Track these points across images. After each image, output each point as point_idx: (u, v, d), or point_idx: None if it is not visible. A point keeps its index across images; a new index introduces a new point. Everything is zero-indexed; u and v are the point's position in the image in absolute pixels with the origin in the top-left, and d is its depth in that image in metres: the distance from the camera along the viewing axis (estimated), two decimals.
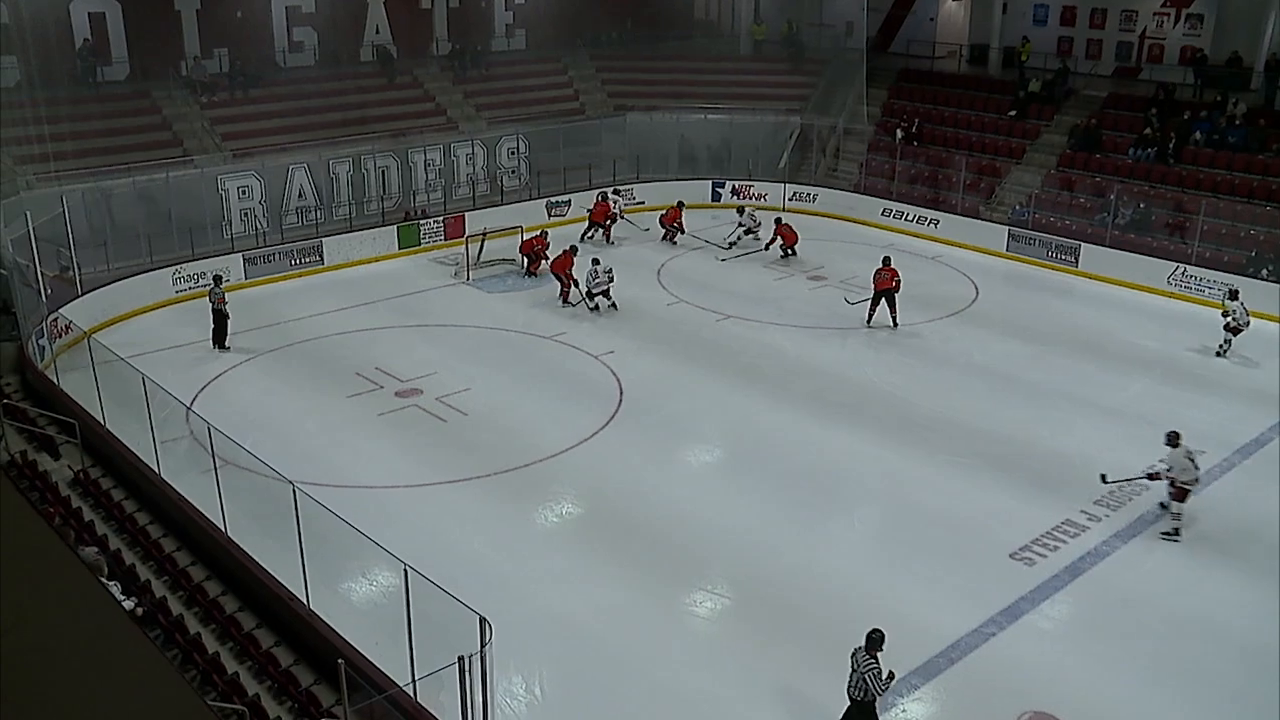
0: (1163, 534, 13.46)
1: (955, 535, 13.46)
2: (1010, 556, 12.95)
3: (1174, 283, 23.01)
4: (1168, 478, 13.46)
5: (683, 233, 26.64)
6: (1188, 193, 24.60)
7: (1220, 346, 19.31)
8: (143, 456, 13.69)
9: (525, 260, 23.99)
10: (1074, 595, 12.28)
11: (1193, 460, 13.35)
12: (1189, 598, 12.22)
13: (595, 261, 21.76)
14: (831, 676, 10.90)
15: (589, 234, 26.55)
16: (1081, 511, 13.94)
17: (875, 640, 9.76)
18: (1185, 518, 13.56)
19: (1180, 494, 13.36)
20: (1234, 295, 19.21)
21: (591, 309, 21.40)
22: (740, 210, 26.89)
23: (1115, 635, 11.60)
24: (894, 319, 20.72)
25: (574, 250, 22.36)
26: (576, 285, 21.63)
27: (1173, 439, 13.57)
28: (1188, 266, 22.90)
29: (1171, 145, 25.45)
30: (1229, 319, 18.98)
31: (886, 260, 21.16)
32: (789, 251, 25.27)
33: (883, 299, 20.71)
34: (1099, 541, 13.27)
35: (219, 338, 19.46)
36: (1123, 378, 18.57)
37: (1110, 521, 13.72)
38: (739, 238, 25.97)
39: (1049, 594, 12.24)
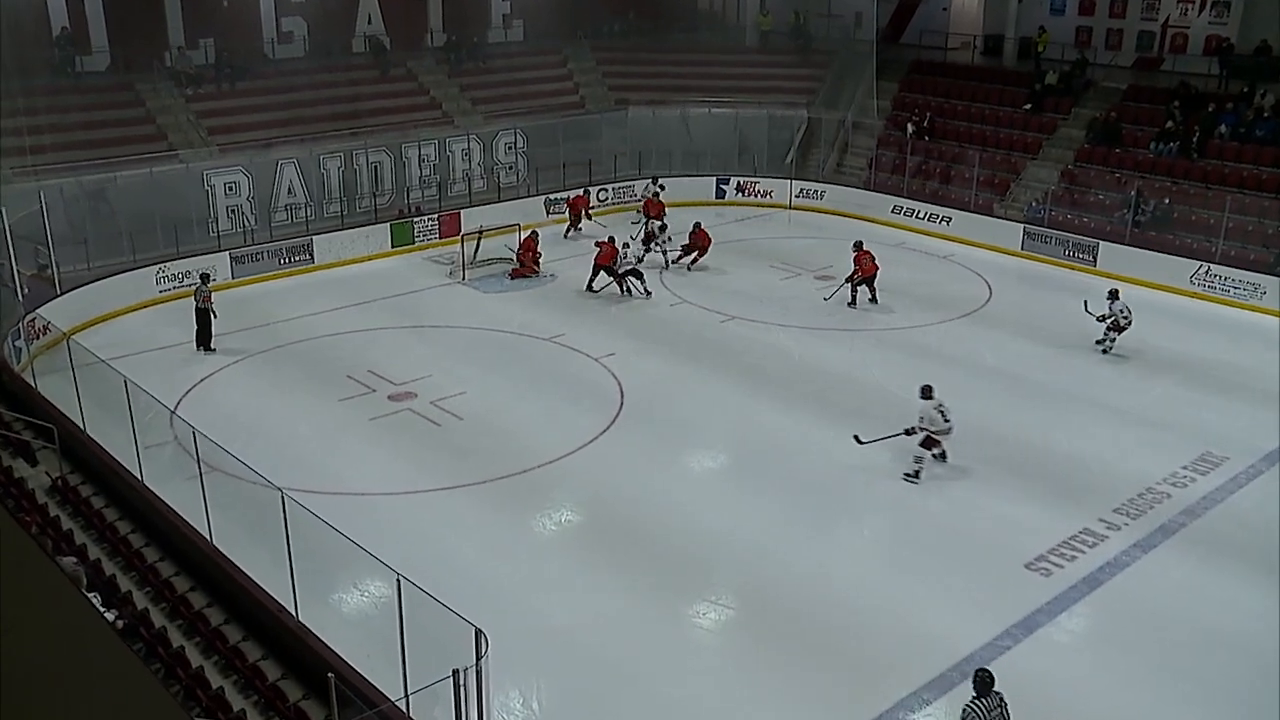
0: (904, 475, 14.83)
1: (968, 544, 13.44)
2: (1026, 566, 12.92)
3: (1197, 282, 22.98)
4: (921, 430, 14.74)
5: (583, 222, 26.70)
6: (1212, 188, 24.57)
7: (1105, 341, 19.33)
8: (124, 463, 13.66)
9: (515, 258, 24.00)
10: (1093, 607, 12.24)
11: (942, 413, 14.74)
12: (1213, 611, 12.17)
13: (625, 245, 22.42)
14: (839, 690, 10.91)
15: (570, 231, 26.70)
16: (1100, 520, 13.91)
17: (986, 682, 9.39)
18: (1203, 528, 13.58)
19: (929, 443, 14.85)
20: (1114, 295, 19.21)
21: (623, 293, 22.10)
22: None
23: (1136, 649, 11.57)
24: (874, 296, 21.83)
25: (612, 241, 22.68)
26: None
27: (926, 392, 14.92)
28: (1211, 265, 22.87)
29: (1195, 139, 25.40)
30: (1111, 319, 19.04)
31: (859, 244, 22.01)
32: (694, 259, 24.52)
33: (864, 283, 21.48)
34: (1119, 551, 13.24)
35: (203, 339, 19.45)
36: (1143, 381, 18.55)
37: (1130, 530, 13.69)
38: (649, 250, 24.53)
39: (1066, 606, 12.20)
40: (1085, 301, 19.37)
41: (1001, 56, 32.68)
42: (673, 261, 24.29)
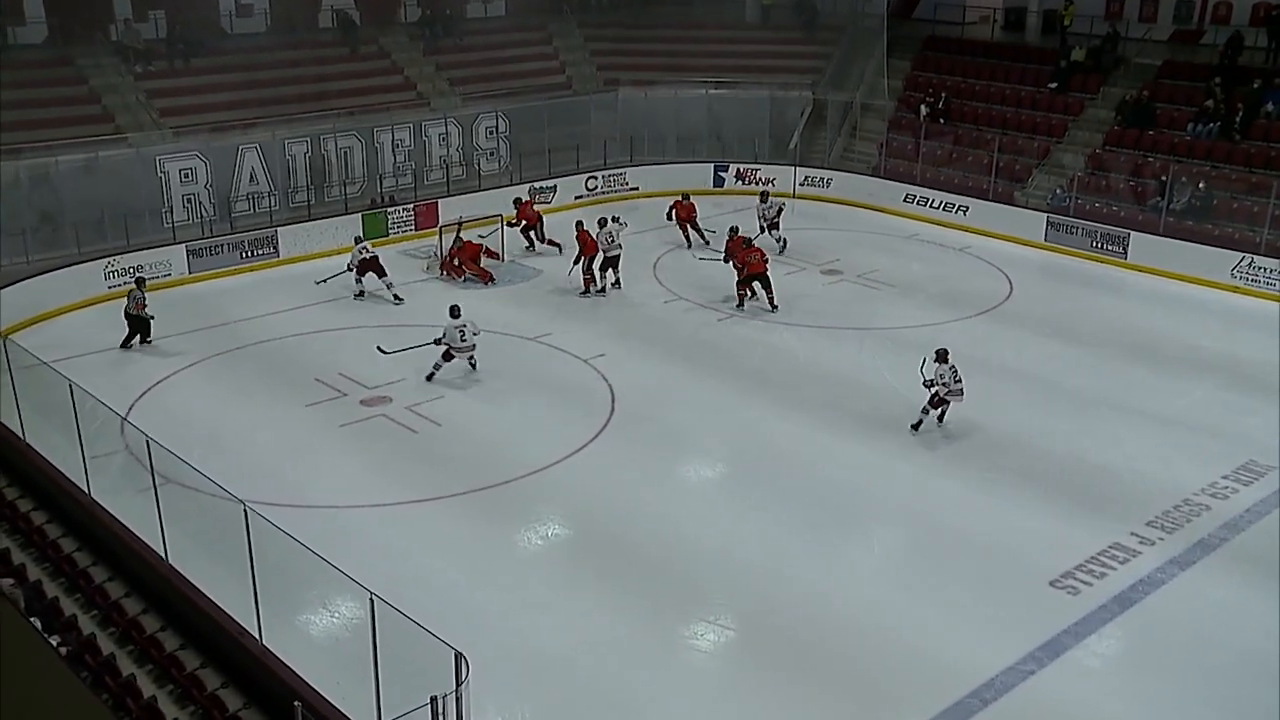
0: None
1: (988, 560, 13.46)
2: (1051, 584, 12.93)
3: (1239, 275, 23.04)
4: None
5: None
6: (1256, 173, 24.64)
7: (922, 417, 16.58)
8: (69, 474, 13.60)
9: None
10: (1124, 629, 12.25)
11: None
12: (1257, 635, 12.15)
13: (612, 220, 22.79)
14: (848, 717, 10.90)
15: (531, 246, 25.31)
16: (1132, 534, 13.94)
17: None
18: (1245, 543, 13.71)
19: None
20: (942, 358, 16.33)
21: (597, 290, 22.26)
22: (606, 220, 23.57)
23: (1172, 675, 11.58)
24: (771, 300, 21.65)
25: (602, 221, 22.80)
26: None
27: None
28: (1255, 257, 22.92)
29: (1238, 119, 25.45)
30: (935, 386, 16.31)
31: (734, 229, 22.53)
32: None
33: (755, 281, 21.49)
34: (1153, 568, 13.27)
35: (134, 337, 19.50)
36: (1180, 383, 18.60)
37: (1165, 545, 13.71)
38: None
39: (1095, 627, 12.21)
40: (922, 361, 16.71)
41: (1024, 31, 32.80)
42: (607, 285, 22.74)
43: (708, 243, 24.28)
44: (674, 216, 25.73)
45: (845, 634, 12.11)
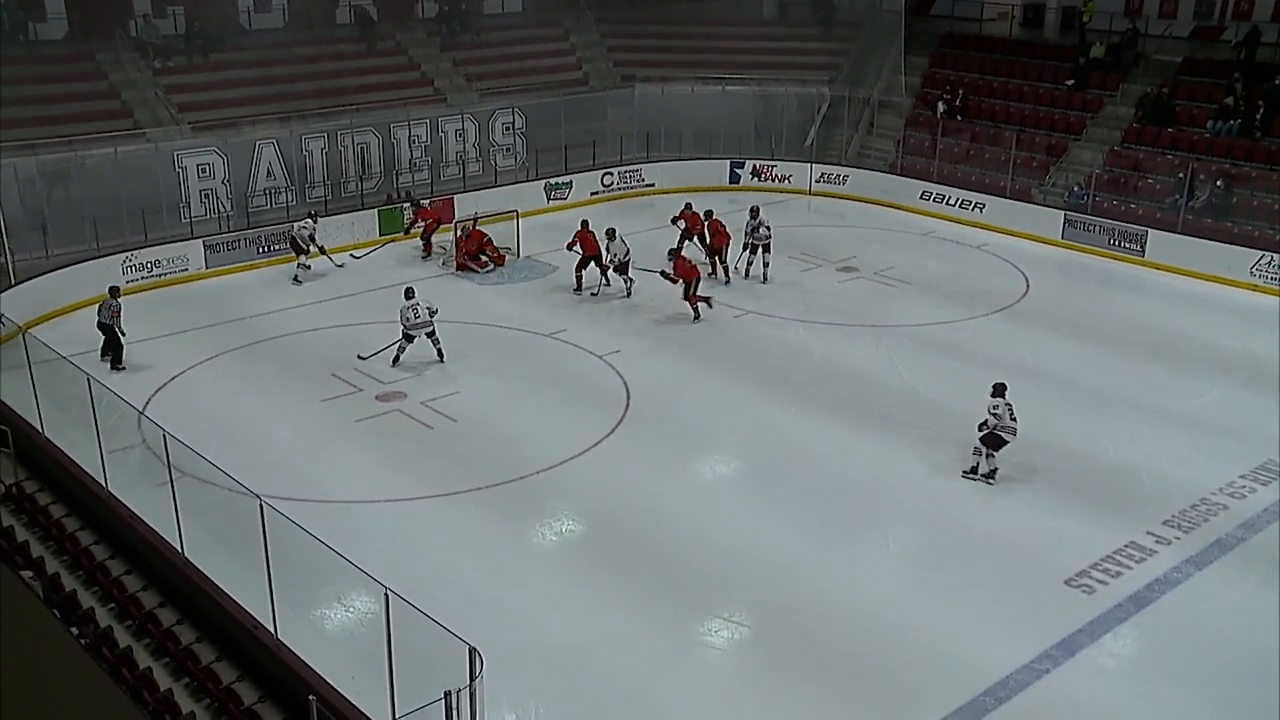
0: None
1: (1004, 559, 13.42)
2: (1066, 583, 12.89)
3: (1258, 274, 22.92)
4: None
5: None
6: (1276, 170, 24.52)
7: (975, 461, 15.23)
8: (87, 468, 13.69)
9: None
10: (1140, 628, 12.21)
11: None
12: (1272, 634, 12.07)
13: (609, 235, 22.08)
14: (864, 716, 10.90)
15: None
16: (1149, 533, 13.88)
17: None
18: (1263, 543, 13.64)
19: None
20: (999, 392, 15.10)
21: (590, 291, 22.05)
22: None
23: (1187, 676, 11.53)
24: (725, 273, 22.78)
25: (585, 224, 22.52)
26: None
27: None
28: (1275, 255, 22.80)
29: (1259, 116, 25.31)
30: (990, 421, 15.02)
31: (685, 204, 23.63)
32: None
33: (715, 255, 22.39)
34: (1169, 567, 13.21)
35: (111, 356, 18.69)
36: (1198, 382, 18.51)
37: (1182, 544, 13.66)
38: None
39: (1111, 626, 12.17)
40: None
41: (1042, 28, 32.65)
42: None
43: (728, 281, 22.83)
44: (687, 229, 23.97)
45: (860, 632, 12.10)
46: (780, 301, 21.83)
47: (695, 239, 23.83)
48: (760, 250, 22.88)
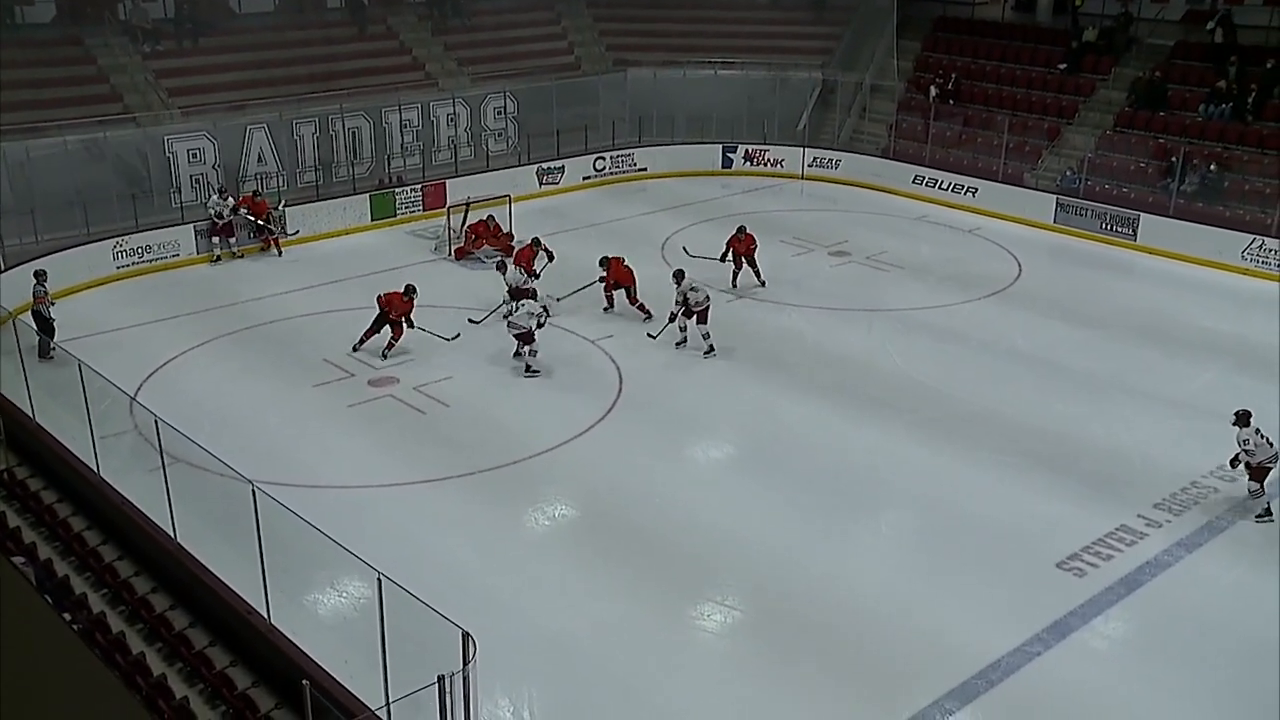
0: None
1: (996, 543, 13.46)
2: (1058, 566, 12.93)
3: (1250, 258, 22.95)
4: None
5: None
6: (1268, 154, 24.50)
7: (1256, 498, 14.19)
8: (78, 454, 13.67)
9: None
10: (1130, 611, 12.26)
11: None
12: (1265, 620, 12.13)
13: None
14: (855, 699, 10.94)
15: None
16: (1139, 516, 13.93)
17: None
18: (1253, 526, 13.80)
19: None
20: (1243, 420, 14.20)
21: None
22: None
23: (1178, 659, 11.59)
24: (759, 278, 21.71)
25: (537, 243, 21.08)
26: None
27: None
28: (1266, 239, 22.83)
29: (1251, 100, 25.31)
30: (1241, 456, 14.22)
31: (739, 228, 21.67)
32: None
33: (742, 260, 21.45)
34: (1160, 550, 13.26)
35: (44, 346, 18.00)
36: (1190, 366, 18.55)
37: (1173, 528, 13.70)
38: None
39: (1102, 609, 12.22)
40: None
41: (1035, 11, 32.61)
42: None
43: (763, 283, 21.60)
44: (731, 253, 21.56)
45: (853, 615, 12.13)
46: (773, 286, 21.81)
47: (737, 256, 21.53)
48: (695, 318, 18.56)
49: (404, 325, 18.46)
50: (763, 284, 21.66)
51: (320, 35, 29.03)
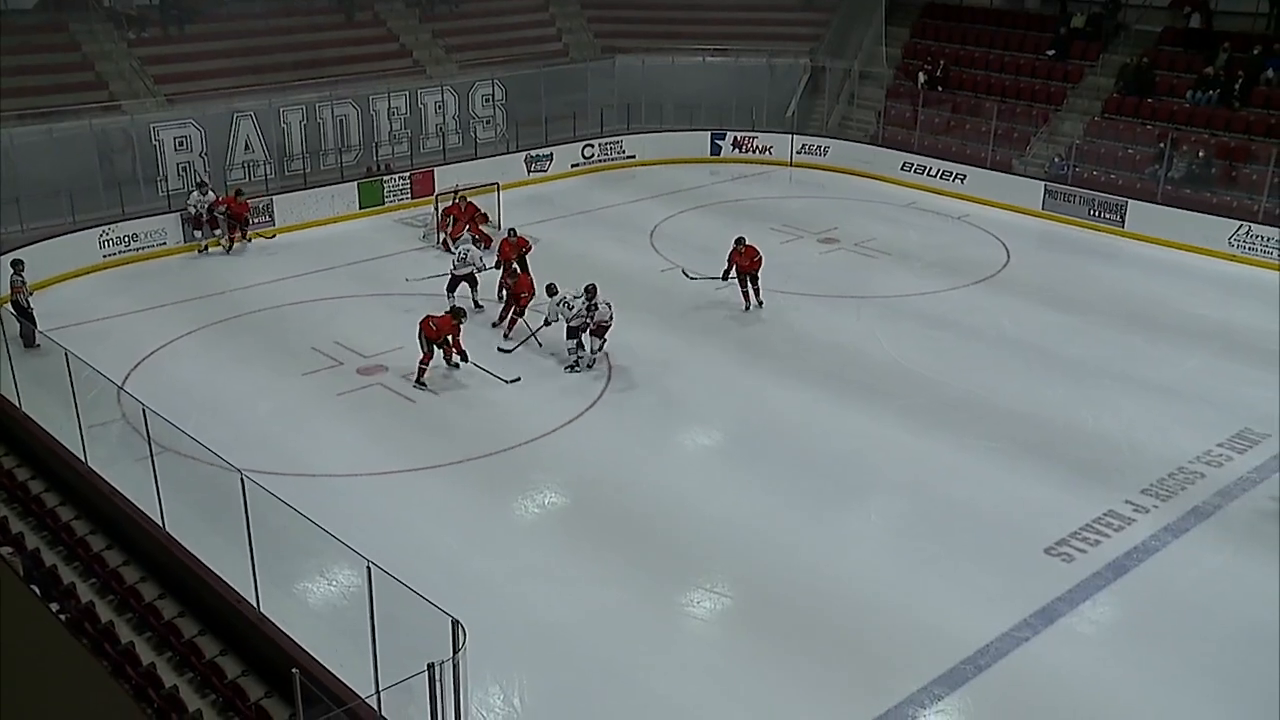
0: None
1: (984, 528, 13.50)
2: (1046, 552, 12.98)
3: (1236, 244, 23.02)
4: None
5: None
6: (1255, 140, 24.56)
7: None
8: (66, 443, 13.60)
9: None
10: (1118, 595, 12.31)
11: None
12: (1252, 603, 12.22)
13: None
14: (844, 684, 10.98)
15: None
16: (1127, 501, 13.98)
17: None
18: (1240, 511, 13.88)
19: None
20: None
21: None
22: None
23: (1165, 643, 11.64)
24: (758, 298, 20.04)
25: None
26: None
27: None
28: (1253, 225, 22.91)
29: (1238, 86, 25.34)
30: None
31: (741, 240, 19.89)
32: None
33: (747, 279, 19.83)
34: (1147, 535, 13.32)
35: (28, 336, 17.77)
36: (1177, 352, 18.61)
37: (1160, 513, 13.76)
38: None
39: (1089, 594, 12.27)
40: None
41: None
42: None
43: (761, 304, 20.10)
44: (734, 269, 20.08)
45: (842, 601, 12.16)
46: (762, 273, 21.75)
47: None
48: (595, 335, 17.67)
49: (459, 344, 17.30)
50: (759, 304, 20.06)
51: (307, 23, 28.94)
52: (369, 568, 9.05)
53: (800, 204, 26.88)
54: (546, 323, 17.95)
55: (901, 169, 28.35)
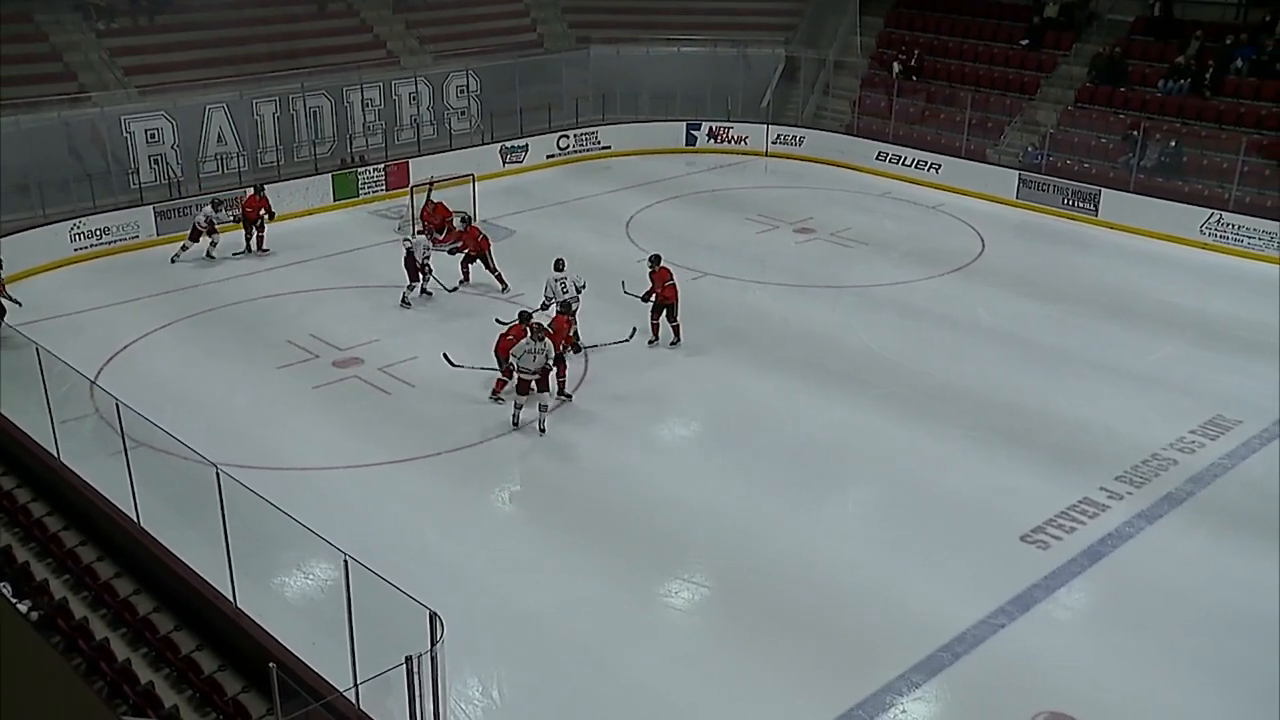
0: None
1: (960, 516, 13.56)
2: (1021, 539, 13.05)
3: (1208, 232, 23.19)
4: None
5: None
6: (1226, 129, 24.72)
7: None
8: (38, 438, 13.48)
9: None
10: (1093, 581, 12.40)
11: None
12: (1224, 587, 12.33)
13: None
14: (822, 672, 11.01)
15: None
16: (1101, 489, 14.07)
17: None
18: (1212, 496, 14.02)
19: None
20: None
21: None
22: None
23: (1140, 628, 11.72)
24: (676, 335, 18.09)
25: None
26: None
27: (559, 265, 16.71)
28: (1224, 214, 23.07)
29: (1209, 75, 25.51)
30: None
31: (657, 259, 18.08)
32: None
33: (664, 311, 17.93)
34: (1121, 522, 13.41)
35: None
36: (1151, 340, 18.73)
37: (1134, 499, 13.86)
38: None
39: (1065, 580, 12.35)
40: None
41: None
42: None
43: (675, 340, 18.19)
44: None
45: (819, 590, 12.20)
46: (738, 263, 21.82)
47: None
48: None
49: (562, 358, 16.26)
50: (674, 341, 18.02)
51: (280, 13, 28.68)
52: (346, 561, 9.01)
53: (776, 194, 26.91)
54: (544, 305, 17.65)
55: (877, 158, 28.41)
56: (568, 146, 29.47)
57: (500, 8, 32.91)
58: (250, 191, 22.76)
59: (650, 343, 18.07)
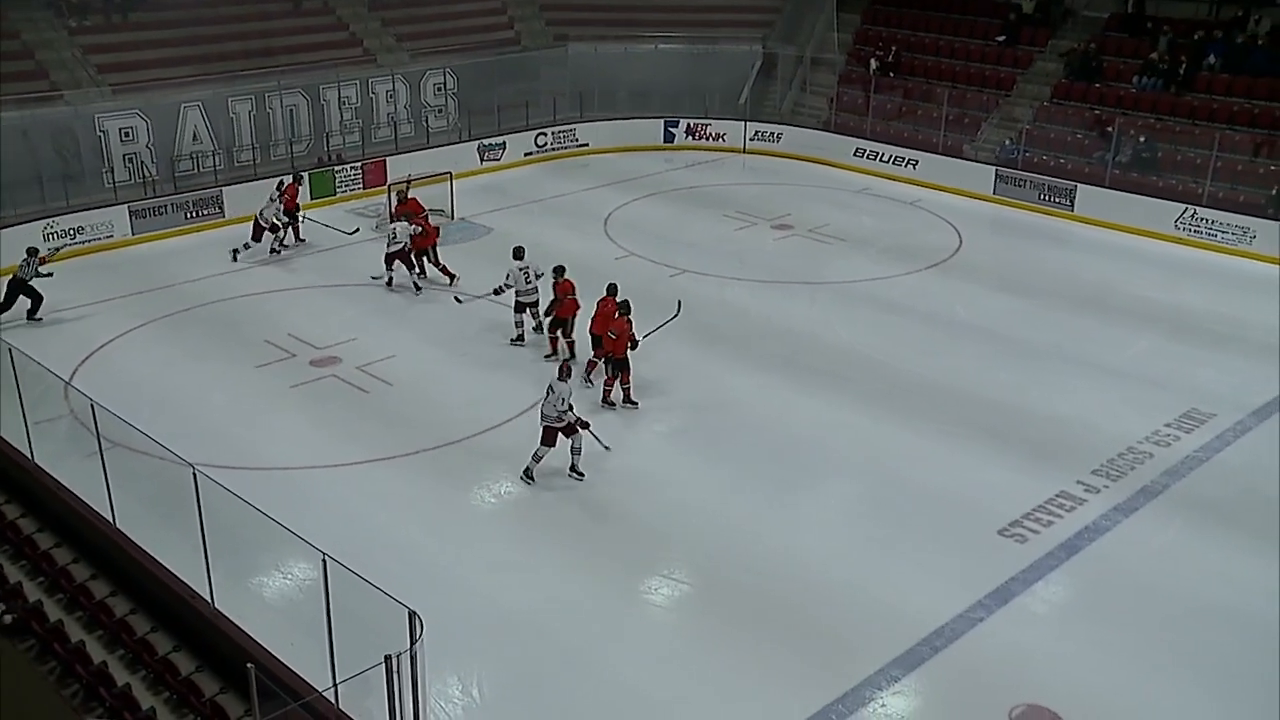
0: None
1: (939, 511, 13.61)
2: (999, 533, 13.12)
3: (1182, 227, 23.36)
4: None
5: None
6: (1199, 125, 24.91)
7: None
8: (11, 440, 13.36)
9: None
10: (1070, 575, 12.46)
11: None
12: (1200, 578, 12.43)
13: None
14: (802, 667, 11.03)
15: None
16: (1078, 482, 14.15)
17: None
18: (1187, 489, 14.13)
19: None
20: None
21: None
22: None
23: (1117, 620, 11.80)
24: (571, 352, 17.47)
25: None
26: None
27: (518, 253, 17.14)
28: (1198, 208, 23.25)
29: (1182, 71, 25.66)
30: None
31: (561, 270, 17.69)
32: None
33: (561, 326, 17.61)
34: (1098, 515, 13.49)
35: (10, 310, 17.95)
36: (1126, 334, 18.85)
37: (1110, 493, 13.95)
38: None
39: (1042, 574, 12.41)
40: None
41: None
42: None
43: (569, 354, 17.52)
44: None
45: (799, 585, 12.22)
46: (716, 260, 21.83)
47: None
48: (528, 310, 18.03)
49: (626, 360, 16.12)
50: (569, 355, 17.31)
51: (256, 10, 28.55)
52: (324, 560, 8.97)
53: (754, 190, 26.95)
54: (498, 290, 18.02)
55: (854, 155, 28.49)
56: (545, 144, 29.43)
57: (478, 5, 32.84)
58: (289, 180, 22.80)
59: (547, 357, 17.45)
